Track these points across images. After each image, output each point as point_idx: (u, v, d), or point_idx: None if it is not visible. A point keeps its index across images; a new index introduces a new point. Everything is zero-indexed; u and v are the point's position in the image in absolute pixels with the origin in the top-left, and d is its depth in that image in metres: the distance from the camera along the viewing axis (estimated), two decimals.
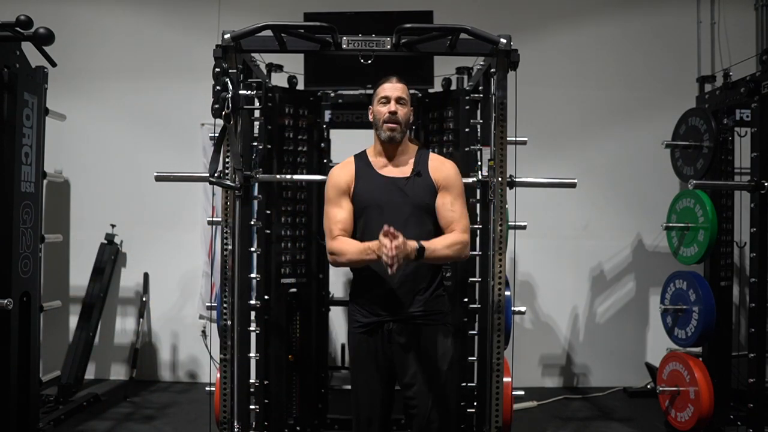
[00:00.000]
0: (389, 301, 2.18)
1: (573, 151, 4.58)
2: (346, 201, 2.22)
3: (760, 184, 3.10)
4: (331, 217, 2.21)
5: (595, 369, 4.62)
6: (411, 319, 2.18)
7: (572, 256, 4.60)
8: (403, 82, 2.26)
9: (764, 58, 3.10)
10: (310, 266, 3.33)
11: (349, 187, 2.23)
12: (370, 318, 2.21)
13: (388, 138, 2.21)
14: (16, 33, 2.86)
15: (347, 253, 2.12)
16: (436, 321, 2.21)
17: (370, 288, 2.22)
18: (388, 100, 2.21)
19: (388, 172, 2.23)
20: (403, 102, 2.23)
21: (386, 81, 2.25)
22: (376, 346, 2.21)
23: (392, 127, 2.20)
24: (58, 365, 4.11)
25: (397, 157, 2.25)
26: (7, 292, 2.93)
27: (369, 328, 2.21)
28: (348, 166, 2.28)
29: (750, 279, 3.16)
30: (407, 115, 2.24)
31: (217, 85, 2.24)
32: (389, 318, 2.19)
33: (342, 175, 2.25)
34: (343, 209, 2.21)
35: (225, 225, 2.61)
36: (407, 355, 2.18)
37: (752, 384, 3.12)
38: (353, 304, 2.29)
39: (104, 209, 4.53)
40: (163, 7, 4.64)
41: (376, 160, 2.27)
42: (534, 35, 4.53)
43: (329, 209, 2.23)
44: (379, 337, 2.20)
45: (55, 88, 3.39)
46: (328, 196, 2.25)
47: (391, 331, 2.19)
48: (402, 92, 2.23)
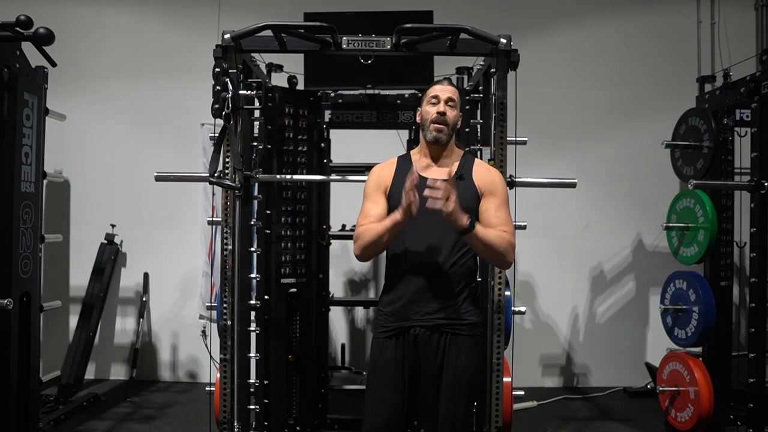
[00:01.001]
0: (417, 304, 2.07)
1: (573, 151, 4.58)
2: (382, 197, 2.15)
3: (760, 184, 3.10)
4: (364, 211, 2.13)
5: (595, 369, 4.62)
6: (439, 327, 2.07)
7: (572, 256, 4.60)
8: (455, 86, 2.21)
9: (764, 58, 3.10)
10: (310, 266, 3.33)
11: (386, 185, 2.16)
12: (395, 322, 2.10)
13: (434, 139, 2.12)
14: (16, 33, 2.86)
15: (372, 229, 2.01)
16: (466, 331, 2.08)
17: (398, 290, 2.11)
18: (438, 101, 2.13)
19: (431, 173, 2.14)
20: (453, 104, 2.15)
21: (438, 83, 2.20)
22: (400, 353, 2.08)
23: (439, 128, 2.11)
24: (58, 365, 4.11)
25: (441, 160, 2.17)
26: (7, 292, 2.93)
27: (394, 333, 2.10)
28: (389, 165, 2.22)
29: (750, 279, 3.16)
30: (455, 118, 2.17)
31: (217, 85, 2.25)
32: (416, 323, 2.08)
33: (381, 174, 2.19)
34: (378, 204, 2.13)
35: (225, 225, 2.61)
36: (432, 366, 2.06)
37: (752, 384, 3.12)
38: (379, 309, 2.17)
39: (104, 209, 4.53)
40: (163, 7, 4.64)
41: (420, 161, 2.19)
42: (534, 35, 4.53)
43: (364, 204, 2.15)
44: (403, 343, 2.09)
45: (55, 88, 3.39)
46: (365, 192, 2.18)
47: (417, 336, 2.08)
48: (453, 94, 2.15)
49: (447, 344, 2.07)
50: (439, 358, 2.06)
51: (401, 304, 2.09)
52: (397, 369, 2.07)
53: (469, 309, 2.11)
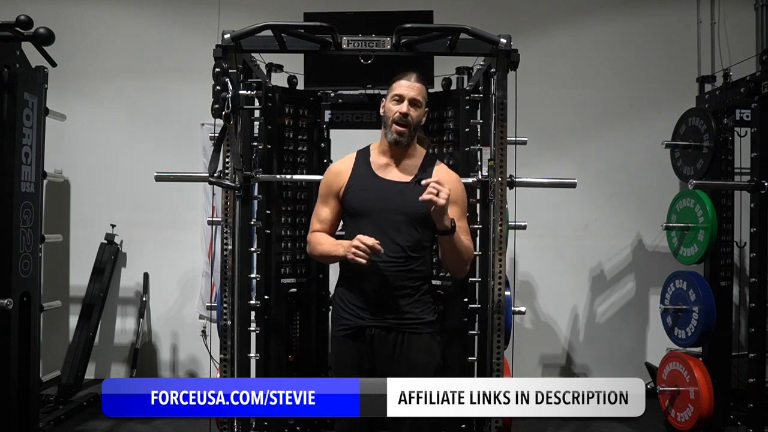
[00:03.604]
0: (372, 303, 2.08)
1: (573, 151, 4.58)
2: (334, 201, 2.19)
3: (760, 184, 3.10)
4: (316, 213, 2.22)
5: (595, 369, 4.62)
6: (394, 326, 2.07)
7: (572, 256, 4.60)
8: (422, 82, 2.14)
9: (764, 58, 3.10)
10: (310, 266, 3.33)
11: (339, 188, 2.16)
12: (353, 320, 2.10)
13: (395, 141, 2.10)
14: (16, 33, 2.86)
15: (318, 246, 2.14)
16: (421, 330, 2.09)
17: (354, 287, 2.11)
18: (402, 100, 2.08)
19: (388, 174, 2.14)
20: (418, 104, 2.10)
21: (404, 77, 2.12)
22: (359, 353, 2.09)
23: (400, 131, 2.08)
24: (58, 365, 4.11)
25: (401, 160, 2.15)
26: (7, 292, 2.93)
27: (352, 332, 2.10)
28: (345, 164, 2.20)
29: (750, 279, 3.17)
30: (419, 118, 2.12)
31: (217, 85, 2.25)
32: (372, 323, 2.08)
33: (335, 175, 2.19)
34: (329, 208, 2.19)
35: (225, 225, 2.61)
36: (389, 365, 2.06)
37: (752, 384, 3.13)
38: (335, 305, 2.18)
39: (104, 209, 4.52)
40: (163, 7, 4.64)
41: (378, 160, 2.17)
42: (534, 35, 4.53)
43: (317, 205, 2.24)
44: (361, 342, 2.09)
45: (55, 88, 3.39)
46: (320, 191, 2.24)
47: (373, 336, 2.08)
48: (418, 93, 2.10)
49: (404, 343, 2.07)
50: (396, 357, 2.06)
51: (358, 303, 2.10)
52: (359, 370, 2.07)
53: (425, 308, 2.12)
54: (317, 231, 2.20)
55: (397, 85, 2.13)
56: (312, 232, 2.21)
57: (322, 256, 2.16)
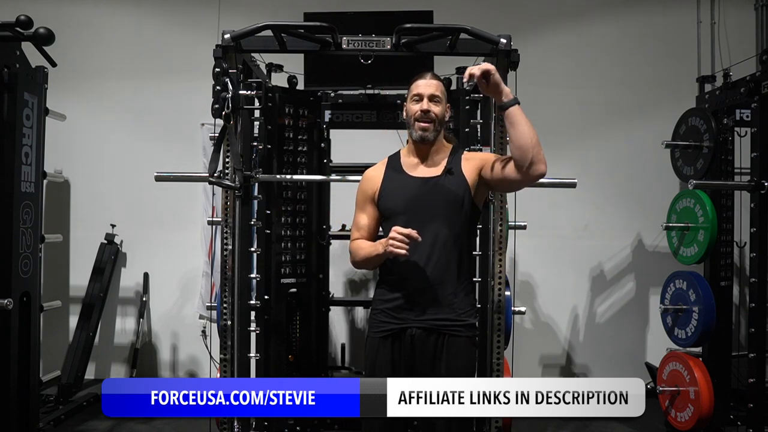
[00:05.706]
0: (414, 305, 2.06)
1: (573, 151, 4.57)
2: (370, 206, 2.17)
3: (760, 184, 3.10)
4: (355, 222, 2.20)
5: (595, 369, 4.62)
6: (436, 328, 2.06)
7: (572, 256, 4.60)
8: (439, 79, 2.14)
9: (764, 58, 3.10)
10: (310, 266, 3.33)
11: (374, 192, 2.16)
12: (391, 322, 2.09)
13: (420, 138, 2.09)
14: (16, 33, 2.86)
15: (360, 251, 2.12)
16: (462, 333, 2.07)
17: (394, 289, 2.10)
18: (421, 98, 2.08)
19: (420, 172, 2.14)
20: (437, 100, 2.09)
21: (420, 78, 2.13)
22: (397, 355, 2.07)
23: (424, 127, 2.08)
24: (58, 365, 4.11)
25: (430, 157, 2.14)
26: (7, 292, 2.93)
27: (390, 334, 2.08)
28: (378, 168, 2.21)
29: (750, 279, 3.17)
30: (442, 113, 2.12)
31: (217, 85, 2.25)
32: (413, 324, 2.07)
33: (369, 181, 2.20)
34: (367, 215, 2.18)
35: (225, 225, 2.62)
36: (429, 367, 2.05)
37: (752, 384, 3.13)
38: (374, 308, 2.16)
39: (104, 209, 4.53)
40: (163, 7, 4.64)
41: (408, 160, 2.17)
42: (534, 35, 4.53)
43: (355, 213, 2.22)
44: (400, 344, 2.07)
45: (55, 88, 3.39)
46: (356, 200, 2.22)
47: (414, 337, 2.06)
48: (436, 89, 2.10)
49: (444, 346, 2.06)
50: (436, 360, 2.05)
51: (397, 303, 2.08)
52: (394, 371, 2.06)
53: (466, 310, 2.10)
54: (357, 239, 2.18)
55: (414, 86, 2.13)
56: (352, 240, 2.19)
57: (364, 260, 2.12)
